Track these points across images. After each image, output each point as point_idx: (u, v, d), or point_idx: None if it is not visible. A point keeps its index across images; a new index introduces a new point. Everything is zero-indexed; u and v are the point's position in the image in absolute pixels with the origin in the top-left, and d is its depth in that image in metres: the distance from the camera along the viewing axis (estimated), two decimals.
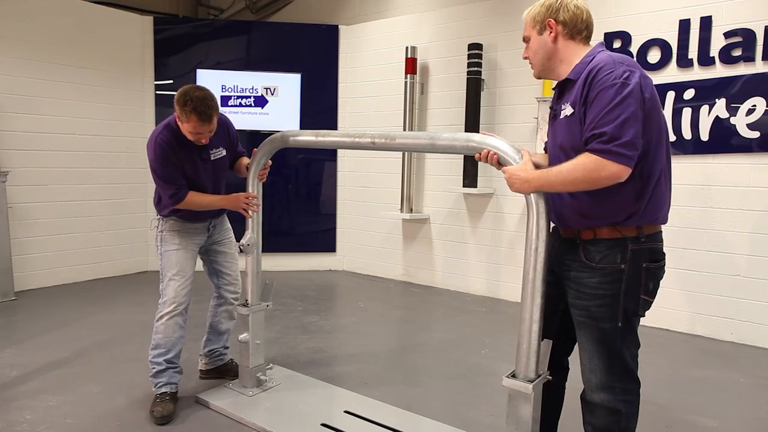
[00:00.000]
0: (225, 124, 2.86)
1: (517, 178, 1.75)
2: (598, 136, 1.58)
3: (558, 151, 1.80)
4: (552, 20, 1.78)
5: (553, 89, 1.89)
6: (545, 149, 2.03)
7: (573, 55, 1.79)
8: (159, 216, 2.80)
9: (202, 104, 2.47)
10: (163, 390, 2.69)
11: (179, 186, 2.63)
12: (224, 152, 2.82)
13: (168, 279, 2.72)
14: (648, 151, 1.65)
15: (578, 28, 1.79)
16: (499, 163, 1.84)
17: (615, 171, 1.57)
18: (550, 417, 2.06)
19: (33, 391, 2.89)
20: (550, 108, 1.91)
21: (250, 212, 2.78)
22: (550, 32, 1.79)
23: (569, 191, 1.71)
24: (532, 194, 1.77)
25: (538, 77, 1.93)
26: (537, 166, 1.80)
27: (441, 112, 5.36)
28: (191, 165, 2.68)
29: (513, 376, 1.85)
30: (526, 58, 1.91)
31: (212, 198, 2.74)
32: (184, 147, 2.63)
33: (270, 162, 2.80)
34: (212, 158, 2.76)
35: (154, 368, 2.71)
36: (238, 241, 2.87)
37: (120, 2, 6.07)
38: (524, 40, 1.89)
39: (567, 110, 1.74)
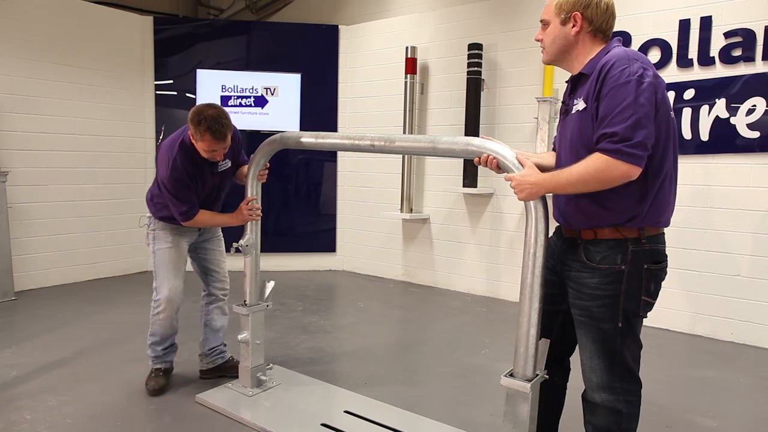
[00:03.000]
0: (234, 135, 2.85)
1: (527, 183, 1.71)
2: (609, 136, 1.57)
3: (567, 147, 1.77)
4: (579, 14, 1.74)
5: (566, 82, 1.86)
6: (554, 147, 2.02)
7: (590, 52, 1.76)
8: (150, 215, 2.87)
9: (216, 123, 2.51)
10: (158, 366, 2.93)
11: (192, 205, 2.68)
12: (229, 164, 2.87)
13: (162, 276, 2.80)
14: (655, 154, 1.63)
15: (602, 27, 1.76)
16: (498, 168, 1.82)
17: (625, 171, 1.56)
18: (551, 416, 2.06)
19: (33, 391, 2.89)
20: (562, 103, 1.87)
21: (255, 217, 2.79)
22: (574, 25, 1.75)
23: (580, 192, 1.68)
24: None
25: (548, 63, 1.89)
26: (539, 167, 1.79)
27: (441, 112, 5.36)
28: (201, 178, 2.74)
29: (511, 375, 1.85)
30: (538, 40, 1.86)
31: (222, 218, 2.82)
32: (196, 164, 2.69)
33: (268, 164, 2.81)
34: (219, 170, 2.82)
35: (151, 352, 2.94)
36: (234, 240, 2.87)
37: (120, 2, 6.07)
38: (542, 22, 1.83)
39: (579, 105, 1.71)
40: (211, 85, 5.69)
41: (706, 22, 3.91)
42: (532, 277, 1.79)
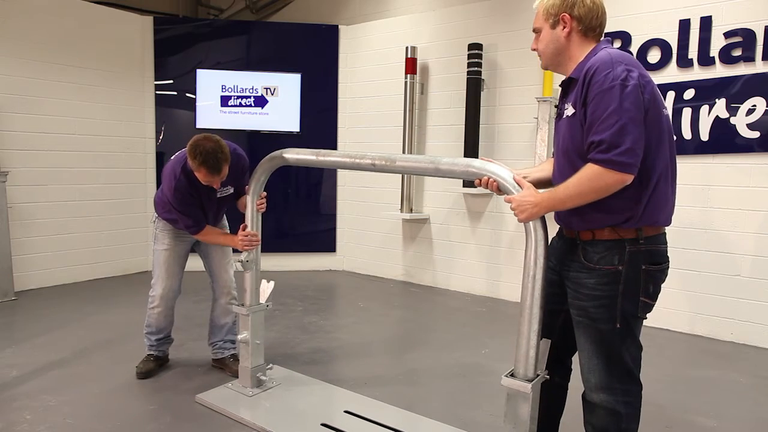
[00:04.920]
0: (239, 165, 2.90)
1: (527, 203, 1.72)
2: (598, 144, 1.58)
3: (561, 153, 1.78)
4: (567, 15, 1.74)
5: (559, 86, 1.86)
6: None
7: (583, 53, 1.76)
8: (155, 215, 3.02)
9: (212, 158, 2.59)
10: (150, 352, 3.09)
11: (197, 220, 2.83)
12: (231, 190, 2.97)
13: (157, 276, 2.98)
14: (647, 154, 1.62)
15: (592, 25, 1.75)
16: (499, 190, 1.83)
17: (618, 179, 1.57)
18: (552, 416, 2.05)
19: (33, 391, 2.89)
20: (556, 107, 1.89)
21: (249, 247, 2.80)
22: (564, 27, 1.75)
23: (580, 205, 1.68)
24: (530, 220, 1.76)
25: (545, 68, 1.90)
26: (540, 181, 1.81)
27: (441, 112, 5.36)
28: (200, 202, 2.87)
29: (512, 375, 1.86)
30: (534, 49, 1.86)
31: (224, 238, 2.90)
32: (197, 188, 2.80)
33: (265, 193, 2.83)
34: (219, 196, 2.93)
35: (147, 341, 3.09)
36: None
37: (120, 2, 6.07)
38: (534, 30, 1.84)
39: (569, 110, 1.72)
40: (211, 85, 5.69)
41: (706, 22, 3.91)
42: (531, 299, 1.80)
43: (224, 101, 5.69)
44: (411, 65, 5.27)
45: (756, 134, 3.76)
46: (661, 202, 1.70)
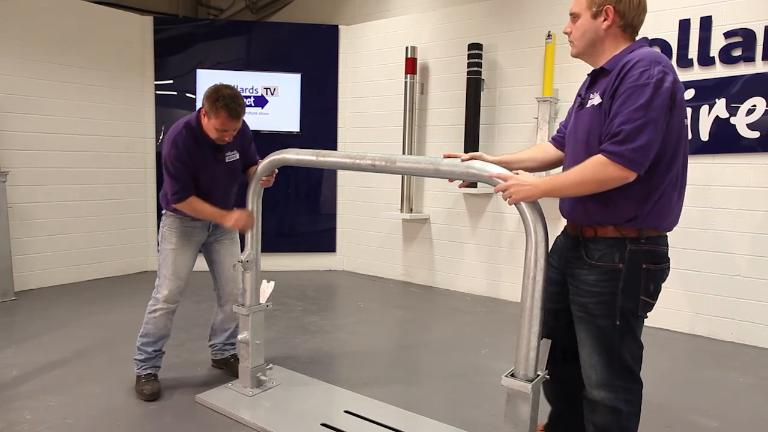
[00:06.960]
0: (244, 129, 2.90)
1: (525, 183, 1.72)
2: (614, 136, 1.58)
3: (581, 142, 1.76)
4: (611, 7, 1.72)
5: (588, 75, 1.85)
6: (554, 138, 2.02)
7: (618, 47, 1.75)
8: (164, 210, 2.90)
9: (233, 102, 2.59)
10: (149, 372, 2.90)
11: (185, 186, 2.68)
12: (237, 156, 2.88)
13: (163, 277, 2.85)
14: (662, 159, 1.63)
15: (633, 22, 1.75)
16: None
17: (622, 175, 1.58)
18: (570, 410, 2.02)
19: (33, 391, 2.89)
20: (578, 95, 1.87)
21: (244, 228, 2.78)
22: (605, 19, 1.74)
23: (578, 194, 1.69)
24: (530, 221, 1.76)
25: (576, 56, 1.87)
26: (534, 168, 1.82)
27: (441, 112, 5.36)
28: (205, 166, 2.74)
29: (512, 375, 1.86)
30: (567, 33, 1.85)
31: (212, 210, 2.73)
32: (201, 147, 2.70)
33: (275, 170, 2.78)
34: (226, 160, 2.82)
35: (141, 355, 2.91)
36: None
37: (120, 2, 6.07)
38: (572, 15, 1.82)
39: (595, 100, 1.71)
40: (211, 85, 5.67)
41: (706, 22, 3.91)
42: (531, 300, 1.80)
43: None
44: (411, 65, 5.27)
45: (756, 134, 3.76)
46: (666, 209, 1.70)
